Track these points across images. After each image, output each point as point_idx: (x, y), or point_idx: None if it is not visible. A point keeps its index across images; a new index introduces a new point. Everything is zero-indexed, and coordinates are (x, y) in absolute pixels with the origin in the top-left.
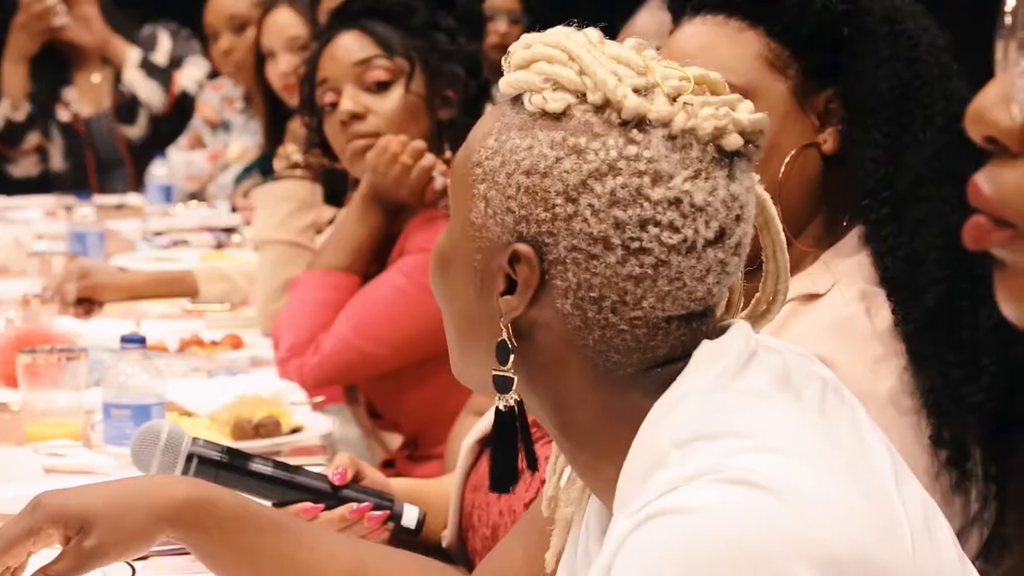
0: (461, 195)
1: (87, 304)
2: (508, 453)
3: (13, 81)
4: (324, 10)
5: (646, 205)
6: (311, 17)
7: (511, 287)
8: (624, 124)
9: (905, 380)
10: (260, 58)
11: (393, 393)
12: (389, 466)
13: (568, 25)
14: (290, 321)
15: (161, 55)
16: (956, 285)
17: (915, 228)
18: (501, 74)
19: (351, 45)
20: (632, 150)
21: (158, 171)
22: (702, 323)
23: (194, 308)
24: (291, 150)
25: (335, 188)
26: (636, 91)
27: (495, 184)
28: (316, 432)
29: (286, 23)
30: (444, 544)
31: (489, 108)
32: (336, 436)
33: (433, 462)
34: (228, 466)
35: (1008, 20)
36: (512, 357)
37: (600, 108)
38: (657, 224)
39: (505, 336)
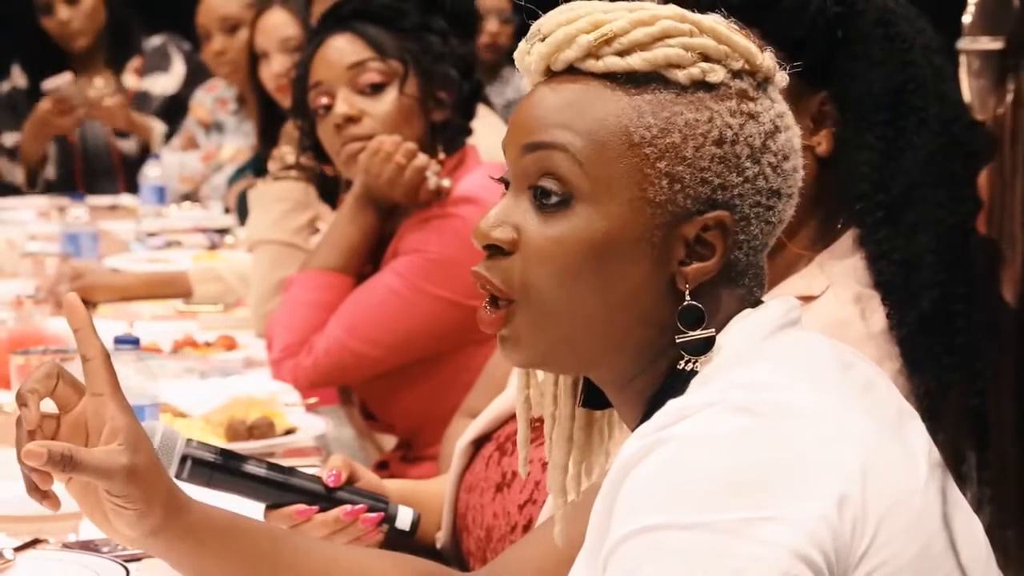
0: (623, 178)
1: None
2: None
3: (30, 156)
4: (317, 11)
5: (795, 155)
6: (304, 18)
7: (688, 254)
8: (759, 85)
9: (899, 383)
10: (254, 59)
11: (387, 394)
12: (383, 467)
13: None
14: (284, 322)
15: (173, 80)
16: (951, 288)
17: (909, 231)
18: (493, 74)
19: (344, 48)
20: (779, 107)
21: (151, 172)
22: None
23: (187, 309)
24: (285, 151)
25: (329, 190)
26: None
27: (681, 159)
28: (310, 433)
29: (279, 24)
30: (438, 545)
31: (570, 87)
32: (330, 437)
33: (427, 463)
34: (222, 468)
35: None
36: (705, 317)
37: (739, 73)
38: (797, 169)
39: (689, 301)
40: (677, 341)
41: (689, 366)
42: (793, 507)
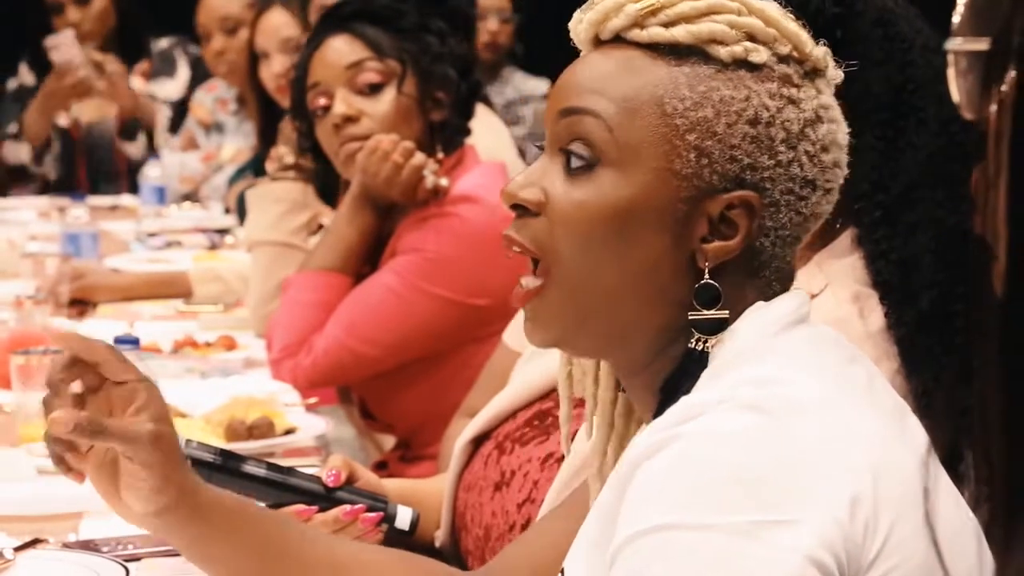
0: (651, 147)
1: (81, 305)
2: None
3: (35, 132)
4: (317, 11)
5: (836, 149)
6: (305, 18)
7: (710, 231)
8: (807, 74)
9: (898, 382)
10: (254, 59)
11: (386, 394)
12: (382, 467)
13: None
14: (283, 322)
15: (178, 86)
16: (949, 288)
17: (908, 231)
18: (493, 74)
19: (342, 48)
20: (824, 99)
21: (151, 172)
22: None
23: (188, 309)
24: (284, 151)
25: (328, 190)
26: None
27: (711, 134)
28: (310, 433)
29: (280, 24)
30: (437, 544)
31: (613, 56)
32: (329, 437)
33: (426, 463)
34: (222, 468)
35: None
36: (722, 298)
37: (785, 58)
38: (839, 165)
39: (707, 279)
40: (690, 318)
41: (701, 345)
42: (805, 509)
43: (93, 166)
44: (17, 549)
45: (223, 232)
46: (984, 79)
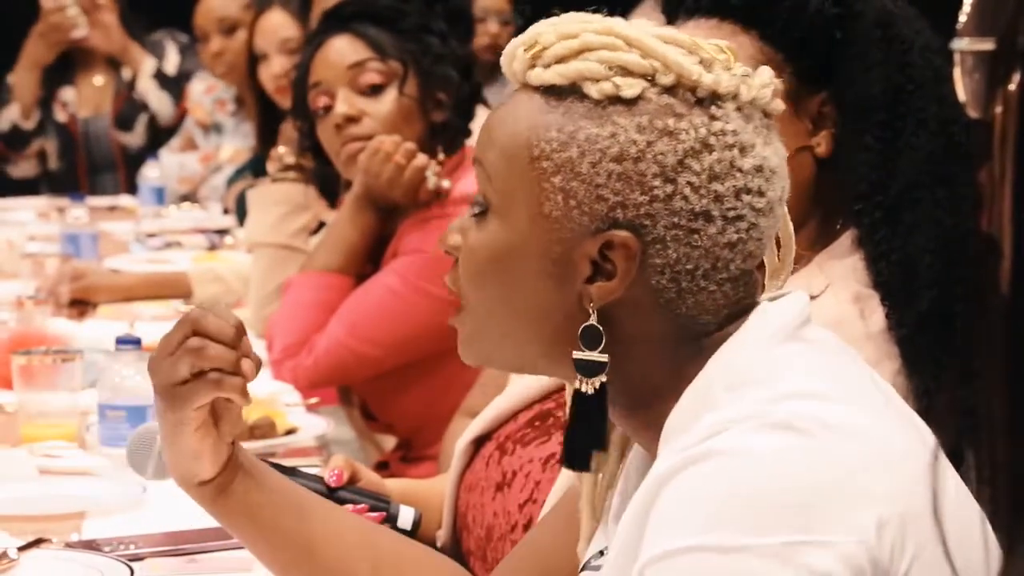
0: (522, 192)
1: (81, 306)
2: (590, 433)
3: (25, 88)
4: (317, 12)
5: (739, 175)
6: (304, 19)
7: (595, 272)
8: (700, 101)
9: (899, 383)
10: (253, 60)
11: (387, 394)
12: (383, 467)
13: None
14: (284, 322)
15: (169, 66)
16: (949, 289)
17: (908, 232)
18: (493, 75)
19: (344, 48)
20: (717, 125)
21: (150, 173)
22: (758, 272)
23: (188, 310)
24: (283, 152)
25: (328, 190)
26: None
27: (576, 175)
28: (311, 433)
29: (279, 25)
30: (439, 544)
31: (513, 102)
32: (330, 437)
33: (426, 463)
34: None
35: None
36: (604, 340)
37: (672, 89)
38: (749, 191)
39: (594, 320)
40: (574, 357)
41: (586, 387)
42: (836, 532)
43: (92, 159)
44: (21, 549)
45: (222, 233)
46: (990, 79)
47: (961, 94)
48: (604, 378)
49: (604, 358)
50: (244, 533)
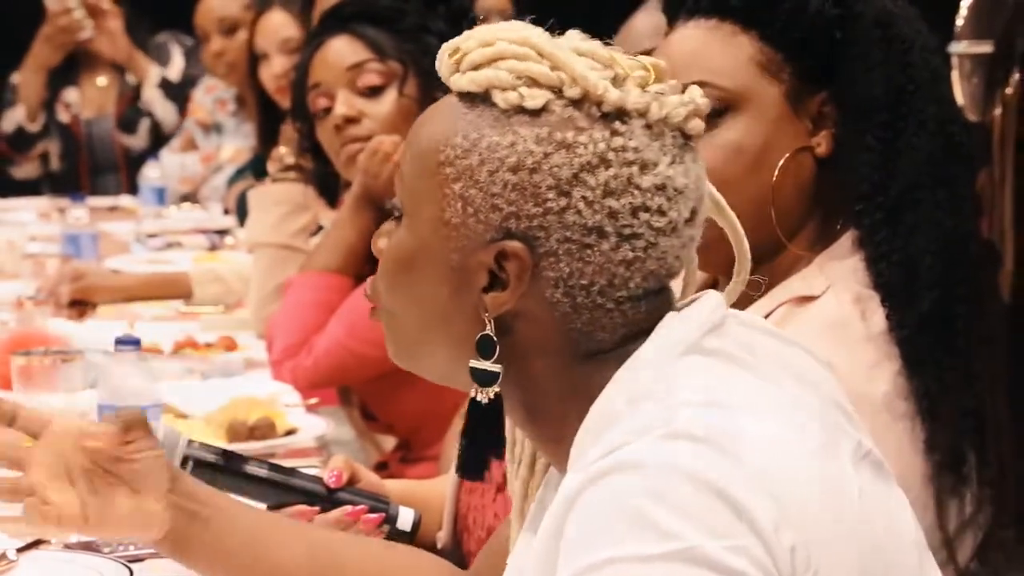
0: (427, 196)
1: (81, 306)
2: (485, 442)
3: (31, 90)
4: (318, 12)
5: (637, 193)
6: (305, 19)
7: (492, 282)
8: (605, 116)
9: (899, 384)
10: (253, 60)
11: (387, 395)
12: (382, 468)
13: (553, 26)
14: (284, 323)
15: (174, 72)
16: (950, 290)
17: (909, 232)
18: None
19: (343, 49)
20: (619, 141)
21: (151, 173)
22: (670, 293)
23: (188, 310)
24: (284, 152)
25: (328, 190)
26: (611, 83)
27: (475, 183)
28: (311, 434)
29: (279, 25)
30: (439, 546)
31: (435, 106)
32: (330, 438)
33: (426, 464)
34: (224, 468)
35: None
36: (498, 350)
37: (578, 102)
38: (647, 210)
39: (490, 330)
40: (470, 366)
41: (480, 396)
42: (741, 535)
43: (94, 160)
44: (20, 550)
45: (223, 233)
46: (988, 82)
47: (960, 98)
48: (498, 388)
49: (498, 368)
50: (213, 571)
